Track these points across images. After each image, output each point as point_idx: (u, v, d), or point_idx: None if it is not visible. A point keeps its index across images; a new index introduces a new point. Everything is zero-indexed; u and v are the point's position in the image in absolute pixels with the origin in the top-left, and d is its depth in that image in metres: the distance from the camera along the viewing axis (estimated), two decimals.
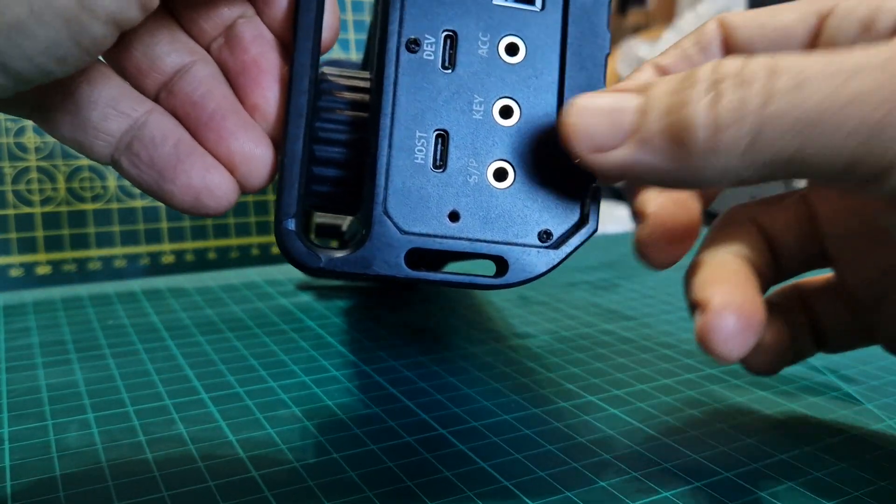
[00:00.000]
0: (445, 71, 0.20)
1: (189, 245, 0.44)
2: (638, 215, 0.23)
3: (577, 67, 0.21)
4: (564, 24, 0.21)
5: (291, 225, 0.20)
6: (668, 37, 0.99)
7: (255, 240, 0.45)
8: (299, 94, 0.20)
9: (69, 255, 0.41)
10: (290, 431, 0.25)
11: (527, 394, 0.29)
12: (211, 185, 0.19)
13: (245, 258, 0.45)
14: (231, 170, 0.20)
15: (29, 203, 0.40)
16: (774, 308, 0.24)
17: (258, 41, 0.20)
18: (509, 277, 0.21)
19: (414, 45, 0.20)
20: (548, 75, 0.21)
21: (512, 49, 0.20)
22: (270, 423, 0.26)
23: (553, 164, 0.21)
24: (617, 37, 2.25)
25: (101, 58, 0.19)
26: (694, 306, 0.20)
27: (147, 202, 0.43)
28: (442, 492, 0.22)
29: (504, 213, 0.21)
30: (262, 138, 0.20)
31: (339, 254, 0.20)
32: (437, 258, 0.21)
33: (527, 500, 0.22)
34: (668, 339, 0.36)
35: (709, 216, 0.25)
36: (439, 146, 0.20)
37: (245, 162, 0.20)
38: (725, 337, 0.20)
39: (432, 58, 0.20)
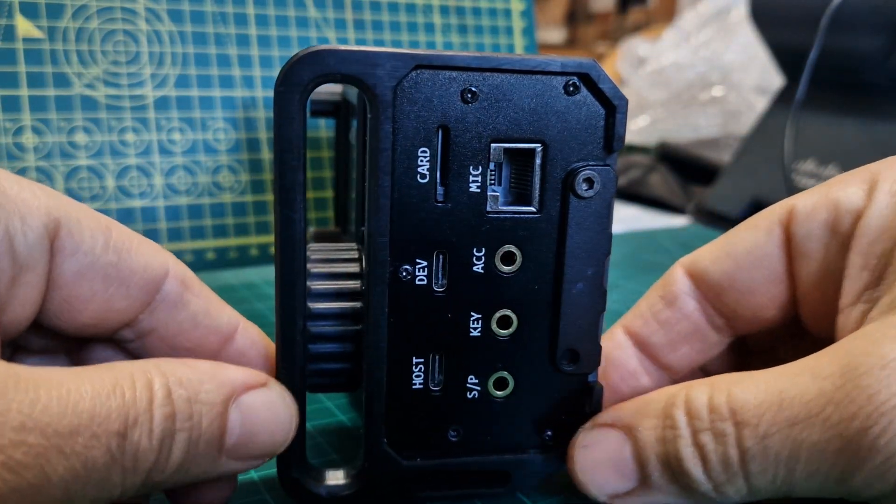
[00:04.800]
0: (439, 292, 0.19)
1: (187, 245, 0.44)
2: None
3: (576, 269, 0.20)
4: (563, 226, 0.19)
5: (296, 473, 0.20)
6: (669, 36, 0.99)
7: (253, 240, 0.45)
8: (290, 342, 0.19)
9: None
10: None
11: None
12: None
13: (244, 258, 0.45)
14: None
15: None
16: None
17: None
18: (515, 485, 0.21)
19: (405, 273, 0.19)
20: (545, 279, 0.20)
21: (508, 258, 0.19)
22: None
23: (552, 365, 0.20)
24: (617, 35, 2.25)
25: None
26: None
27: (145, 202, 0.43)
28: None
29: (506, 423, 0.21)
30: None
31: (343, 481, 0.20)
32: (442, 476, 0.21)
33: (527, 502, 0.21)
34: None
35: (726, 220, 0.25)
36: (438, 369, 0.20)
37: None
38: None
39: (425, 282, 0.19)
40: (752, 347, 0.24)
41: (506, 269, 0.19)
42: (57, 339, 0.19)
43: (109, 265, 0.18)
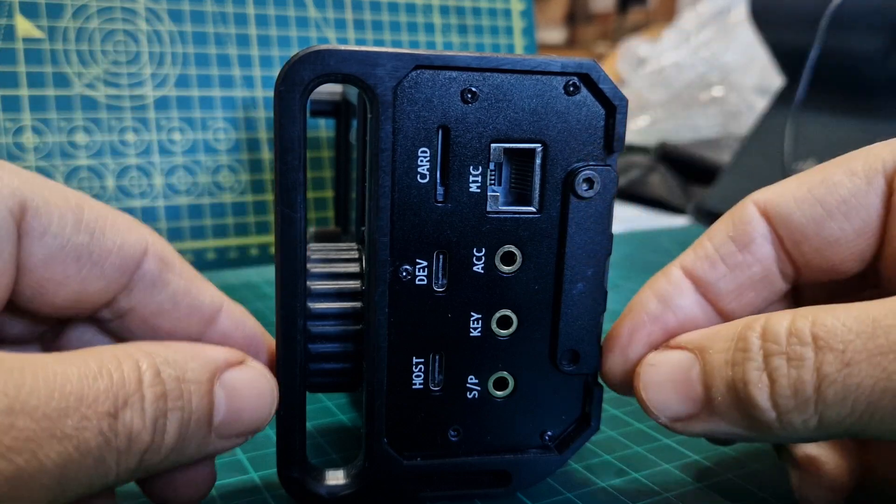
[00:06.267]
0: (439, 292, 0.19)
1: (188, 245, 0.44)
2: (791, 459, 0.21)
3: (576, 270, 0.20)
4: (563, 226, 0.19)
5: (297, 473, 0.20)
6: (669, 36, 0.99)
7: (253, 240, 0.45)
8: (290, 342, 0.19)
9: None
10: None
11: None
12: None
13: (244, 258, 0.45)
14: None
15: None
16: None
17: None
18: (515, 485, 0.21)
19: (405, 273, 0.19)
20: (545, 280, 0.20)
21: (509, 259, 0.19)
22: (270, 425, 0.26)
23: (552, 367, 0.20)
24: (617, 36, 2.25)
25: None
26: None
27: (146, 202, 0.43)
28: None
29: (507, 423, 0.21)
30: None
31: (343, 481, 0.20)
32: (442, 476, 0.21)
33: (527, 502, 0.21)
34: None
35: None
36: (438, 369, 0.20)
37: None
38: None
39: (425, 282, 0.19)
40: (807, 297, 0.22)
41: (506, 269, 0.19)
42: (32, 322, 0.19)
43: (81, 246, 0.17)
